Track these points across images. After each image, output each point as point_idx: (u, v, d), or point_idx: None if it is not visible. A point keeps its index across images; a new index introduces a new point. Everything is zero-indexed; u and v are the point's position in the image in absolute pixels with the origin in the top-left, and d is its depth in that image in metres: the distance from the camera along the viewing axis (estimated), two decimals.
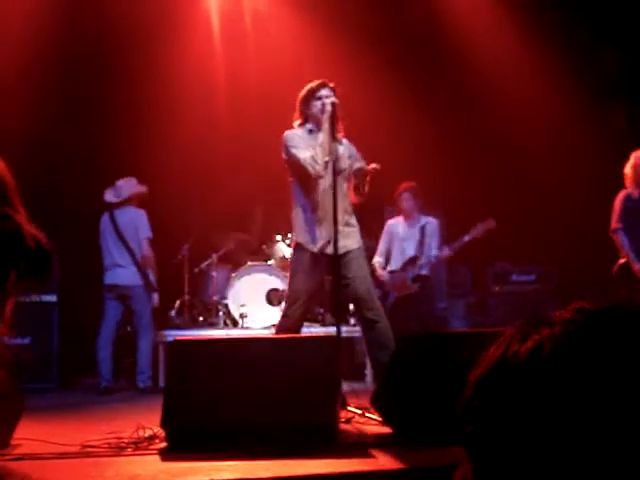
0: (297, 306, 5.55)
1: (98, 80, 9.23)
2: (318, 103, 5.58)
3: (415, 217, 8.05)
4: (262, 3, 9.61)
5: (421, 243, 7.93)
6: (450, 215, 8.72)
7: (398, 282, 7.87)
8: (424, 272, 7.96)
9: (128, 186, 8.02)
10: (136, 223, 7.90)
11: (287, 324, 5.55)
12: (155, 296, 8.08)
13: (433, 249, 7.90)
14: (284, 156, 5.68)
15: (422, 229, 7.96)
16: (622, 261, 6.90)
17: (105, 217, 7.99)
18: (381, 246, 8.10)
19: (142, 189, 8.07)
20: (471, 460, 0.89)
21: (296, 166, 5.57)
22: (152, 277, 7.97)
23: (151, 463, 3.90)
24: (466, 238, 7.59)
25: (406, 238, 8.01)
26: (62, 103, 8.94)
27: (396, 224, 8.11)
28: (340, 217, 5.48)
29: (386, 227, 8.12)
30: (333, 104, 5.48)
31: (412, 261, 7.90)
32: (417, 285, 7.85)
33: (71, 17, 8.75)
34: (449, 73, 9.74)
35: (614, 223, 6.99)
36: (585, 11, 9.12)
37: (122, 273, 7.83)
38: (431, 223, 8.04)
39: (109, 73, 9.21)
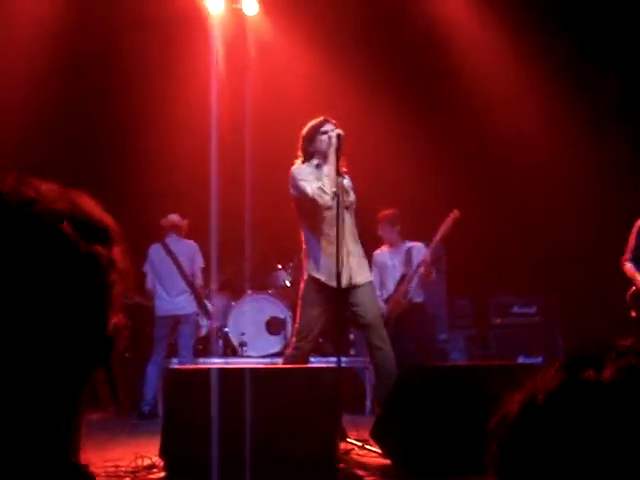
0: (309, 340, 5.54)
1: (95, 103, 9.28)
2: (324, 137, 5.57)
3: (398, 244, 8.06)
4: (266, 32, 9.69)
5: (408, 263, 7.96)
6: (451, 243, 8.71)
7: (392, 304, 7.88)
8: (418, 299, 7.97)
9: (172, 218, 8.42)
10: (192, 253, 8.29)
11: (296, 357, 5.52)
12: (208, 323, 8.60)
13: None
14: (293, 192, 5.64)
15: (408, 252, 7.99)
16: (634, 289, 6.78)
17: (157, 247, 8.21)
18: (375, 279, 8.09)
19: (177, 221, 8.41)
20: None
21: (305, 200, 5.57)
22: (208, 305, 8.47)
23: None
24: (437, 237, 7.60)
25: (396, 265, 8.03)
26: (54, 119, 8.97)
27: (381, 254, 8.11)
28: (352, 249, 5.50)
29: (373, 259, 8.07)
30: (339, 136, 5.49)
31: (402, 280, 7.92)
32: (407, 301, 7.86)
33: (72, 34, 8.80)
34: (446, 97, 9.77)
35: (627, 254, 6.81)
36: (585, 39, 9.18)
37: (179, 302, 8.14)
38: (416, 247, 8.05)
39: (107, 94, 9.26)
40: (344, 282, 5.41)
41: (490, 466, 0.90)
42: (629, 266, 6.75)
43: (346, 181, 5.69)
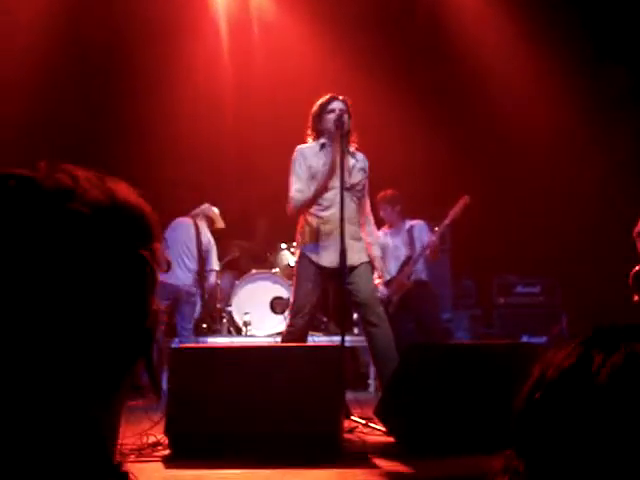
0: (301, 316, 5.57)
1: (103, 92, 9.25)
2: (330, 116, 5.59)
3: (399, 224, 8.05)
4: (270, 12, 9.65)
5: (411, 244, 7.95)
6: (456, 224, 8.72)
7: (395, 285, 7.87)
8: (422, 277, 7.97)
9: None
10: (211, 249, 8.42)
11: (292, 334, 5.57)
12: (201, 307, 8.64)
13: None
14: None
15: (409, 232, 7.99)
16: (636, 270, 6.67)
17: (188, 222, 8.32)
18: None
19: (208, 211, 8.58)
20: (522, 455, 0.89)
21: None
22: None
23: (154, 470, 3.90)
24: (446, 221, 7.59)
25: (397, 246, 8.01)
26: (66, 109, 8.96)
27: (382, 235, 8.08)
28: (348, 231, 5.49)
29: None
30: (339, 120, 5.49)
31: (406, 262, 7.91)
32: (411, 282, 7.84)
33: (80, 25, 8.81)
34: (452, 79, 9.74)
35: (638, 227, 6.65)
36: (594, 25, 9.13)
37: (184, 277, 8.17)
38: (417, 225, 8.05)
39: (115, 84, 9.24)
40: (332, 262, 5.45)
41: (510, 437, 0.92)
42: None
43: (353, 161, 5.69)
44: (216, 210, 8.57)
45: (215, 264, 8.48)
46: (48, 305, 0.81)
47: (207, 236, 8.40)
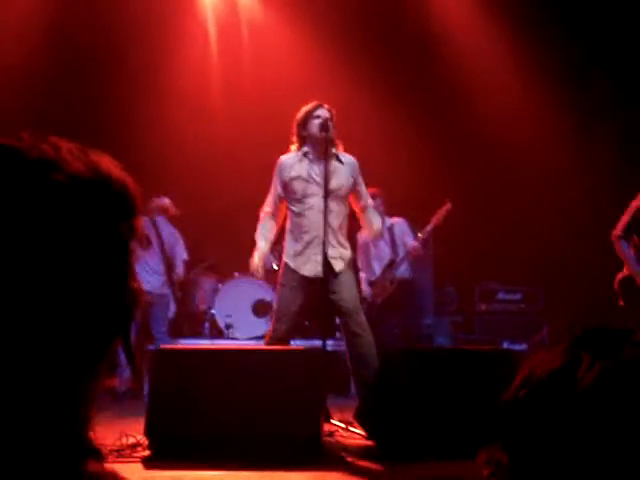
0: (282, 322, 5.58)
1: (92, 94, 9.21)
2: (316, 122, 5.60)
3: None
4: (258, 14, 9.67)
5: (393, 244, 7.97)
6: (439, 231, 8.76)
7: (378, 289, 7.89)
8: (406, 275, 7.99)
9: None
10: (174, 241, 8.17)
11: (274, 339, 5.58)
12: (174, 309, 8.46)
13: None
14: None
15: (390, 230, 8.00)
16: (622, 275, 6.50)
17: (146, 222, 7.97)
18: (361, 261, 8.09)
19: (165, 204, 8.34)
20: (507, 448, 0.91)
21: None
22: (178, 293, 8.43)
23: (134, 471, 3.89)
24: (429, 227, 7.61)
25: (377, 245, 8.04)
26: (54, 115, 8.93)
27: (364, 235, 8.09)
28: (330, 238, 5.49)
29: (358, 240, 8.06)
30: (324, 125, 5.51)
31: (389, 265, 7.94)
32: (394, 285, 7.87)
33: (67, 28, 8.79)
34: (440, 93, 9.78)
35: (618, 230, 6.37)
36: (578, 37, 9.21)
37: (154, 280, 7.92)
38: (398, 223, 8.09)
39: (104, 85, 9.20)
40: (312, 272, 5.48)
41: (497, 435, 0.94)
42: (622, 245, 6.35)
43: (337, 164, 5.67)
44: (167, 200, 8.28)
45: (183, 253, 8.24)
46: (23, 278, 0.79)
47: (167, 229, 8.16)
